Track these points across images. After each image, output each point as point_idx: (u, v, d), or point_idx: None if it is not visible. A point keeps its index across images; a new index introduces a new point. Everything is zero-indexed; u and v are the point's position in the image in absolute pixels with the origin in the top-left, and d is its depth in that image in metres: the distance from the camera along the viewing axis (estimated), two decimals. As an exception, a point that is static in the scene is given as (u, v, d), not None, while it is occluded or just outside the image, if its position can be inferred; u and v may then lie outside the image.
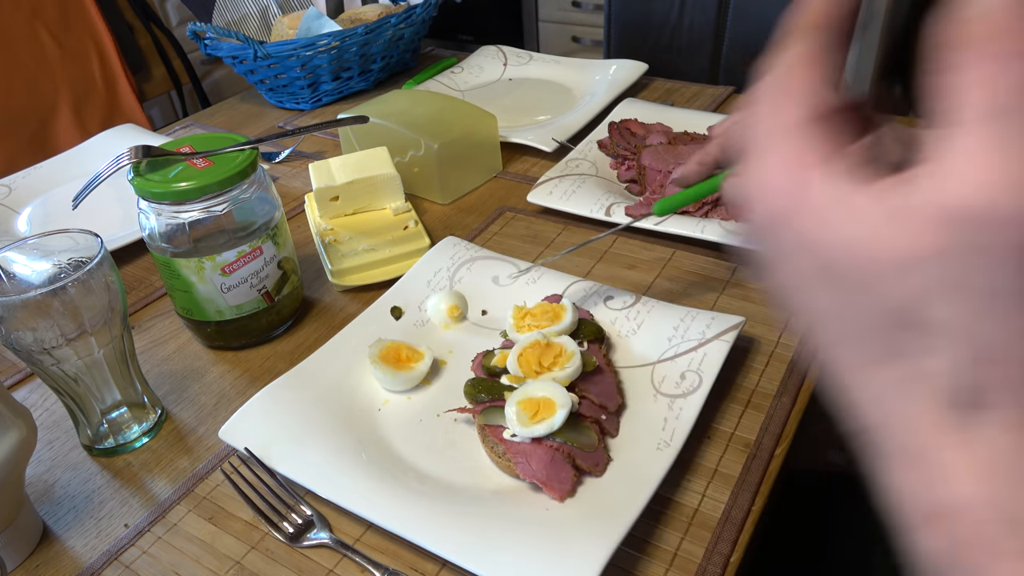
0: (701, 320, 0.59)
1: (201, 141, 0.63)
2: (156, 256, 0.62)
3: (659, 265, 0.72)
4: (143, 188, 0.59)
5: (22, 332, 0.50)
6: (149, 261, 0.80)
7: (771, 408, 0.56)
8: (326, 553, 0.49)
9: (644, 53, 1.11)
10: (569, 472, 0.48)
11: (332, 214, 0.78)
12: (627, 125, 0.89)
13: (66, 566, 0.50)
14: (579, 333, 0.58)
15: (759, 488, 0.50)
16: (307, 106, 1.12)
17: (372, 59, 1.11)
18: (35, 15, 1.48)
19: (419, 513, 0.47)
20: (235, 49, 1.03)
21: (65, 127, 1.51)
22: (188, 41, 1.50)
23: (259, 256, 0.63)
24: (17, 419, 0.48)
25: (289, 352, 0.66)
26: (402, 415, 0.56)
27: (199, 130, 1.11)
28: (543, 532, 0.45)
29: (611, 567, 0.42)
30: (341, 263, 0.72)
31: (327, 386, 0.58)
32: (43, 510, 0.54)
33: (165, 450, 0.58)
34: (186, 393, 0.63)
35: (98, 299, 0.51)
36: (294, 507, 0.51)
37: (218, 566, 0.49)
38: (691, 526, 0.48)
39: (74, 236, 0.53)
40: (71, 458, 0.58)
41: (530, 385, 0.52)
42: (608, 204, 0.77)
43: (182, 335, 0.70)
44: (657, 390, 0.55)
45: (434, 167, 0.83)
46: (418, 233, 0.76)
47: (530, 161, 0.92)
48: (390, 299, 0.66)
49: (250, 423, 0.54)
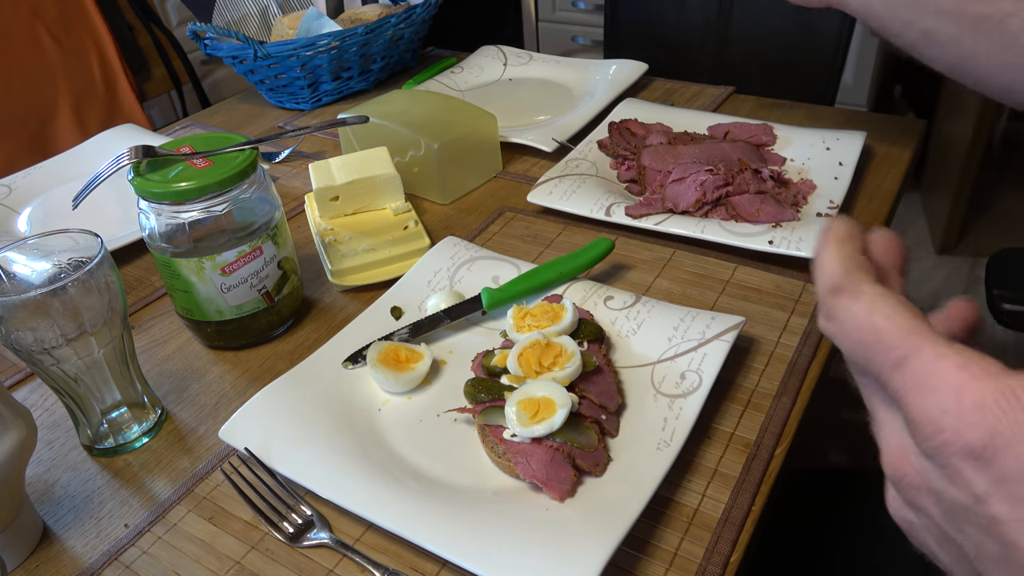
0: (701, 320, 0.59)
1: (201, 141, 0.63)
2: (156, 256, 0.62)
3: (659, 265, 0.72)
4: (143, 188, 0.59)
5: (22, 332, 0.50)
6: (149, 261, 0.80)
7: (771, 408, 0.56)
8: (326, 553, 0.49)
9: (644, 53, 1.11)
10: (569, 472, 0.48)
11: (332, 214, 0.78)
12: (627, 125, 0.89)
13: (66, 566, 0.50)
14: (579, 333, 0.58)
15: (759, 488, 0.50)
16: (307, 106, 1.12)
17: (372, 59, 1.11)
18: (35, 15, 1.47)
19: (419, 513, 0.47)
20: (235, 49, 1.03)
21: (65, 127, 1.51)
22: (188, 41, 1.49)
23: (259, 256, 0.63)
24: (17, 419, 0.48)
25: (289, 352, 0.66)
26: (402, 415, 0.56)
27: (199, 130, 1.11)
28: (543, 532, 0.45)
29: (611, 567, 0.42)
30: (341, 263, 0.72)
31: (327, 386, 0.58)
32: (43, 510, 0.54)
33: (165, 450, 0.58)
34: (186, 393, 0.63)
35: (98, 299, 0.51)
36: (294, 507, 0.51)
37: (218, 566, 0.49)
38: (691, 526, 0.48)
39: (74, 236, 0.53)
40: (71, 458, 0.58)
41: (530, 385, 0.52)
42: (608, 204, 0.77)
43: (182, 335, 0.70)
44: (657, 390, 0.55)
45: (434, 167, 0.83)
46: (418, 233, 0.76)
47: (530, 161, 0.92)
48: (390, 299, 0.66)
49: (250, 423, 0.54)
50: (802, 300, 0.66)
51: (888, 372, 0.25)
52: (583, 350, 0.55)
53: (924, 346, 0.24)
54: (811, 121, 0.92)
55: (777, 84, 1.13)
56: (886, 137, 0.89)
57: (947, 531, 0.25)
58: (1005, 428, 0.22)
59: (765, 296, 0.67)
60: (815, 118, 0.95)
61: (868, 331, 0.25)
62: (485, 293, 0.63)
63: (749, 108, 1.00)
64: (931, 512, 0.25)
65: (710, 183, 0.74)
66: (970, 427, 0.22)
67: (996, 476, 0.22)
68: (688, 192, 0.74)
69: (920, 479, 0.25)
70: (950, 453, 0.23)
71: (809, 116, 0.96)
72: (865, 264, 0.27)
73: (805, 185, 0.77)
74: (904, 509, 0.27)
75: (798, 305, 0.65)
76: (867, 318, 0.25)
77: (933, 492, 0.25)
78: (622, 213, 0.76)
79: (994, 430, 0.22)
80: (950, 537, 0.25)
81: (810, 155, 0.82)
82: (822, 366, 0.59)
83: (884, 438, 0.27)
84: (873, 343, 0.25)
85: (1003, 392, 0.22)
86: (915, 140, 0.89)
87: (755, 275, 0.69)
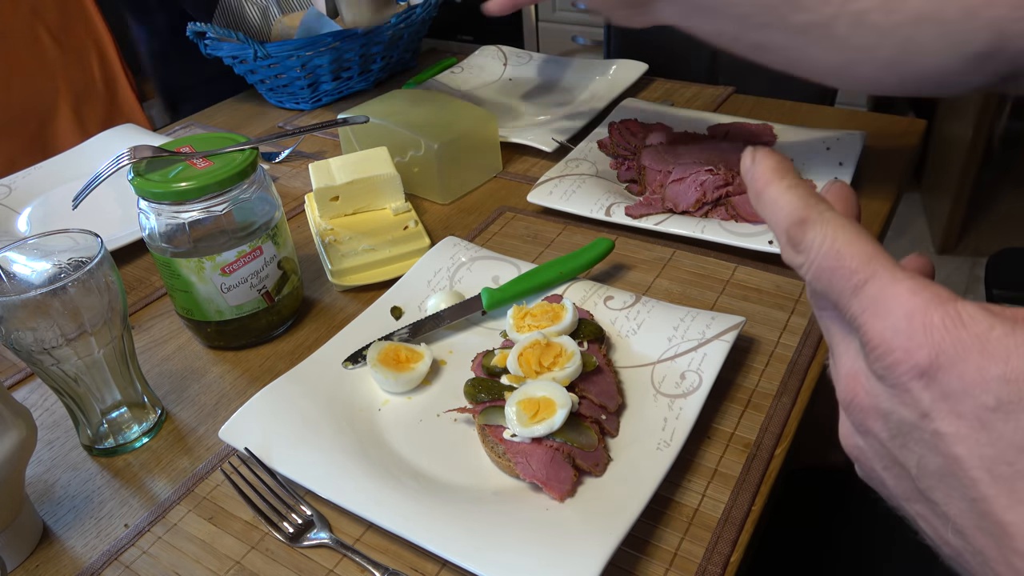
0: (701, 320, 0.59)
1: (201, 141, 0.63)
2: (156, 256, 0.62)
3: (659, 265, 0.72)
4: (143, 188, 0.59)
5: (22, 332, 0.50)
6: (149, 261, 0.80)
7: (771, 408, 0.56)
8: (326, 553, 0.49)
9: (644, 53, 1.11)
10: (569, 472, 0.48)
11: (332, 214, 0.78)
12: (627, 125, 0.89)
13: (66, 566, 0.50)
14: (579, 333, 0.58)
15: (759, 488, 0.50)
16: (307, 106, 1.12)
17: (372, 59, 1.11)
18: (35, 15, 1.48)
19: (419, 513, 0.47)
20: (235, 49, 1.03)
21: (65, 127, 1.52)
22: (188, 41, 1.49)
23: (259, 256, 0.63)
24: (17, 419, 0.48)
25: (289, 352, 0.66)
26: (402, 415, 0.56)
27: (199, 130, 1.11)
28: (543, 532, 0.45)
29: (611, 567, 0.42)
30: (341, 263, 0.72)
31: (327, 386, 0.58)
32: (43, 510, 0.54)
33: (165, 450, 0.58)
34: (186, 393, 0.63)
35: (98, 299, 0.51)
36: (294, 507, 0.51)
37: (218, 566, 0.49)
38: (691, 526, 0.48)
39: (74, 236, 0.53)
40: (71, 458, 0.58)
41: (530, 385, 0.52)
42: (608, 204, 0.77)
43: (182, 335, 0.70)
44: (657, 390, 0.55)
45: (434, 167, 0.83)
46: (418, 233, 0.76)
47: (530, 161, 0.92)
48: (390, 299, 0.66)
49: (250, 423, 0.54)
50: (802, 300, 0.66)
51: (847, 297, 0.26)
52: (583, 350, 0.55)
53: (881, 272, 0.25)
54: (811, 121, 0.92)
55: (777, 84, 1.13)
56: (886, 137, 0.89)
57: (893, 451, 0.26)
58: (949, 347, 0.23)
59: (765, 296, 0.67)
60: (815, 118, 0.95)
61: (832, 256, 0.26)
62: (485, 293, 0.63)
63: (749, 108, 1.00)
64: (879, 434, 0.27)
65: (710, 183, 0.74)
66: (919, 346, 0.24)
67: (941, 393, 0.23)
68: (688, 192, 0.74)
69: (870, 400, 0.26)
70: (900, 372, 0.24)
71: (809, 116, 0.96)
72: (813, 190, 0.28)
73: (805, 185, 0.77)
74: (854, 436, 0.28)
75: (798, 305, 0.65)
76: (831, 245, 0.26)
77: (882, 413, 0.26)
78: (622, 213, 0.76)
79: (939, 348, 0.23)
80: (895, 457, 0.26)
81: (810, 155, 0.82)
82: (822, 366, 0.59)
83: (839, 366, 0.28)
84: (836, 268, 0.26)
85: (949, 314, 0.23)
86: (915, 140, 0.89)
87: (755, 275, 0.69)
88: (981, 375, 0.23)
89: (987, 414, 0.23)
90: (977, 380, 0.23)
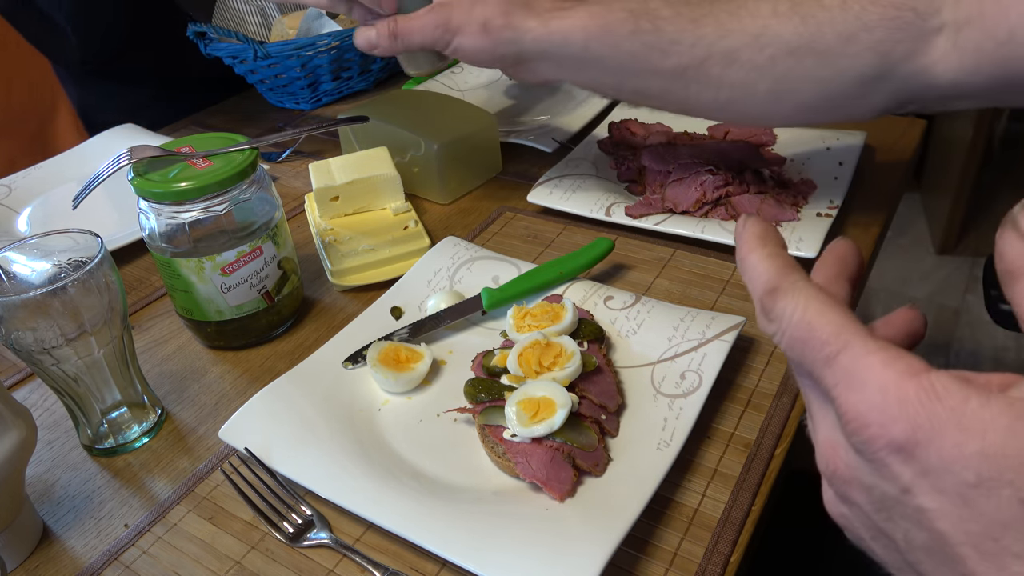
0: (701, 320, 0.59)
1: (201, 141, 0.63)
2: (156, 256, 0.62)
3: (659, 265, 0.72)
4: (143, 188, 0.59)
5: (22, 332, 0.50)
6: (149, 261, 0.80)
7: (771, 408, 0.56)
8: (326, 553, 0.49)
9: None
10: (569, 472, 0.48)
11: (332, 214, 0.78)
12: (627, 125, 0.89)
13: (66, 566, 0.50)
14: (579, 333, 0.58)
15: (759, 488, 0.50)
16: (307, 106, 1.12)
17: (372, 59, 1.11)
18: (35, 15, 1.47)
19: (419, 513, 0.47)
20: (235, 49, 1.03)
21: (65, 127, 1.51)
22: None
23: (259, 256, 0.63)
24: (17, 419, 0.48)
25: (289, 352, 0.66)
26: (402, 415, 0.56)
27: (199, 130, 1.11)
28: (543, 532, 0.45)
29: (611, 567, 0.42)
30: (341, 263, 0.72)
31: (327, 386, 0.58)
32: (43, 510, 0.54)
33: (165, 450, 0.58)
34: (186, 393, 0.63)
35: (98, 299, 0.51)
36: (294, 507, 0.51)
37: (218, 566, 0.49)
38: (691, 526, 0.48)
39: (74, 236, 0.53)
40: (71, 458, 0.58)
41: (530, 385, 0.52)
42: (608, 204, 0.77)
43: (182, 335, 0.70)
44: (657, 390, 0.55)
45: (434, 167, 0.83)
46: (418, 233, 0.76)
47: (530, 161, 0.92)
48: (390, 299, 0.66)
49: (250, 423, 0.54)
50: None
51: (820, 368, 0.25)
52: (583, 350, 0.55)
53: (853, 342, 0.25)
54: (811, 121, 0.92)
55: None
56: (886, 137, 0.89)
57: (878, 523, 0.26)
58: (925, 422, 0.23)
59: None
60: (815, 118, 0.95)
61: (803, 327, 0.26)
62: (485, 293, 0.63)
63: (749, 108, 1.00)
64: (863, 505, 0.26)
65: (710, 183, 0.74)
66: (894, 421, 0.23)
67: (920, 469, 0.23)
68: (688, 192, 0.74)
69: (850, 472, 0.26)
70: (877, 448, 0.24)
71: (809, 116, 0.96)
72: (792, 260, 0.28)
73: (805, 185, 0.77)
74: (838, 504, 0.28)
75: (798, 305, 0.65)
76: (802, 315, 0.26)
77: (863, 486, 0.26)
78: (622, 213, 0.76)
79: (915, 423, 0.23)
80: (881, 528, 0.26)
81: (810, 155, 0.82)
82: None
83: (818, 432, 0.28)
84: (808, 339, 0.26)
85: (923, 387, 0.23)
86: (915, 140, 0.89)
87: (755, 275, 0.69)
88: (959, 451, 0.22)
89: (968, 490, 0.22)
90: (956, 456, 0.22)
